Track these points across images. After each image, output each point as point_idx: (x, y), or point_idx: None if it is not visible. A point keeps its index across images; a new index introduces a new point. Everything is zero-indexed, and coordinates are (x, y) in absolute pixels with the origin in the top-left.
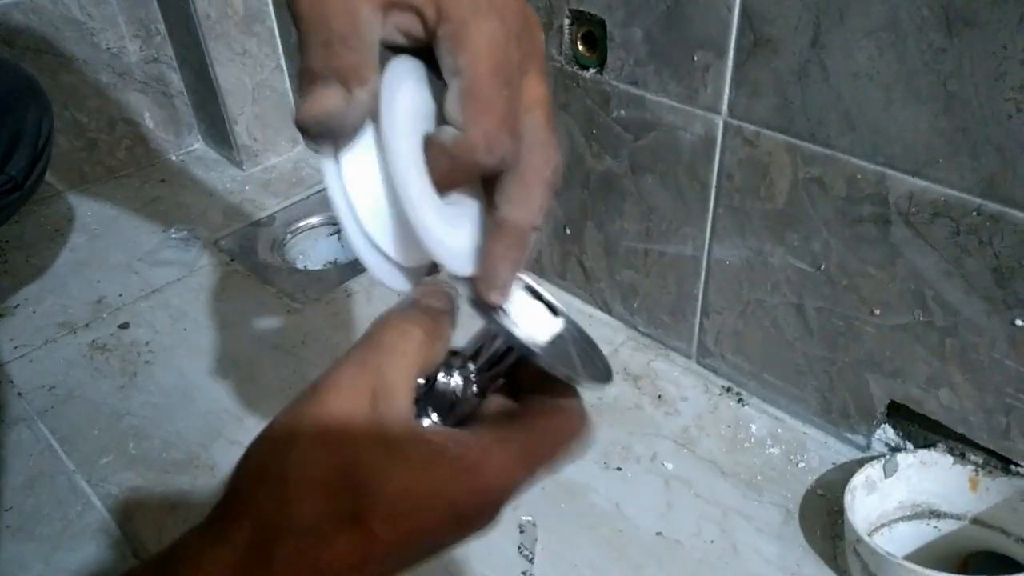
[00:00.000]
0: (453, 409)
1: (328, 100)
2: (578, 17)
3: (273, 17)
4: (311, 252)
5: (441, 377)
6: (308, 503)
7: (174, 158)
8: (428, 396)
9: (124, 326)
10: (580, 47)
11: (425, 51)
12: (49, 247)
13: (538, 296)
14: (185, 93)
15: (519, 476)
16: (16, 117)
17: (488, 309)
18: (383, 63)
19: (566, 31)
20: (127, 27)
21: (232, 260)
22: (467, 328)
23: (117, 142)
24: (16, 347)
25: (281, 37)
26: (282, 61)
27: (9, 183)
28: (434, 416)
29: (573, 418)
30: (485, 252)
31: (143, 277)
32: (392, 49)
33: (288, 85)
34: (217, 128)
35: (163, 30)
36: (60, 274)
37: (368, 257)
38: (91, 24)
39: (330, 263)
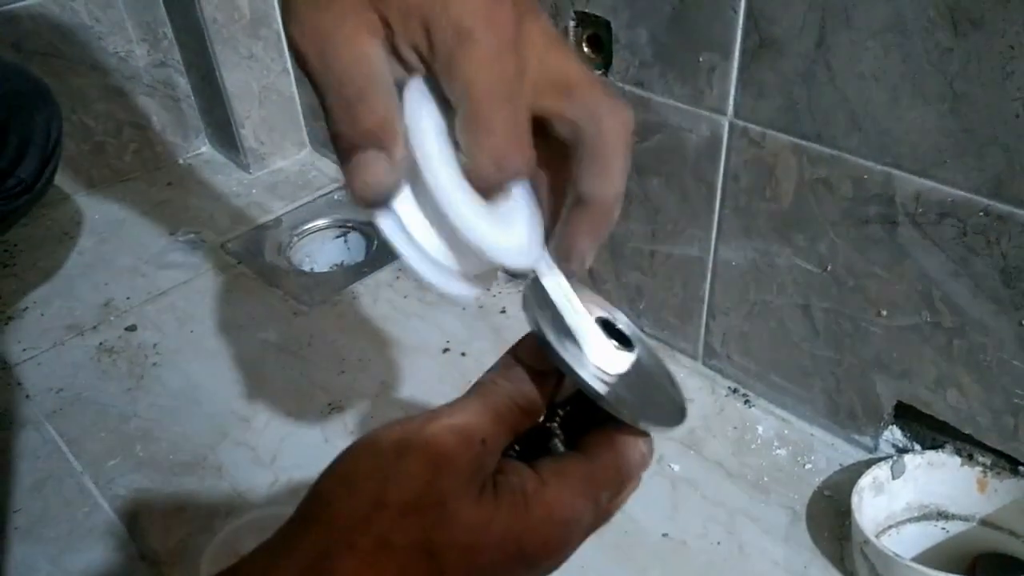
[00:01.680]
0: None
1: (373, 171)
2: (584, 19)
3: (279, 21)
4: (317, 255)
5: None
6: (389, 521)
7: (181, 161)
8: (523, 452)
9: (131, 328)
10: (586, 49)
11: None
12: (57, 250)
13: (611, 328)
14: (192, 97)
15: (579, 507)
16: (26, 120)
17: (554, 351)
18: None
19: (571, 33)
20: (134, 31)
21: (239, 263)
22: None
23: (124, 145)
24: (24, 349)
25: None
26: (288, 65)
27: (19, 185)
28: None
29: (631, 450)
30: (565, 226)
31: (150, 280)
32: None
33: (294, 89)
34: (224, 131)
35: (170, 34)
36: (68, 277)
37: (446, 286)
38: (99, 28)
39: (336, 266)
